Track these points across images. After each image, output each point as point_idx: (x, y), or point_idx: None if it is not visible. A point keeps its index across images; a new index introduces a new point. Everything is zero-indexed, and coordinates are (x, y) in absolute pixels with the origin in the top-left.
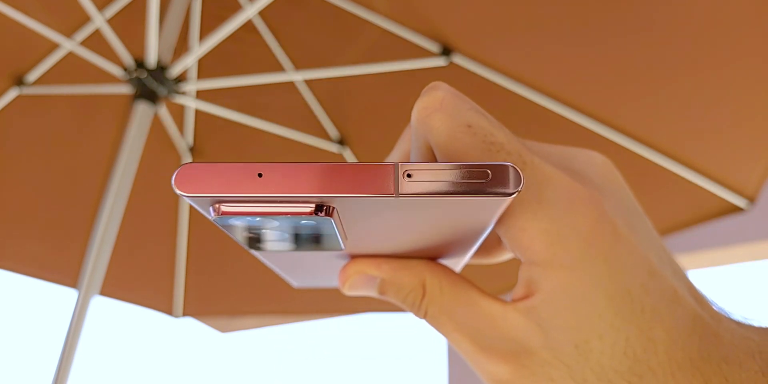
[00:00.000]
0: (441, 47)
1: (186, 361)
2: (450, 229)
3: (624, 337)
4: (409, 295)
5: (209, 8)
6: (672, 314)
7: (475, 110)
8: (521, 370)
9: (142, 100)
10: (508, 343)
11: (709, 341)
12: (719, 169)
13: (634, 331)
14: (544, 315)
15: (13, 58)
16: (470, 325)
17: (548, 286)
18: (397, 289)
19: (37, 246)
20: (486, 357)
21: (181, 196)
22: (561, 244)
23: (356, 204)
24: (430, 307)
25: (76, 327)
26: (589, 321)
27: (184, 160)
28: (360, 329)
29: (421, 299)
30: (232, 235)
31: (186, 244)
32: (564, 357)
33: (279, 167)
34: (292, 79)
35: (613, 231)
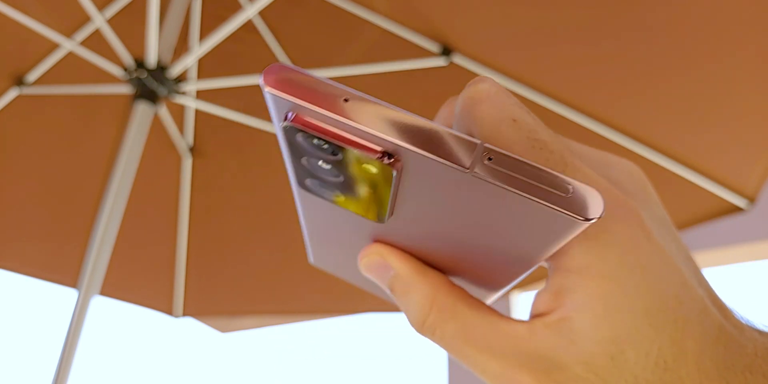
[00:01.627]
0: (441, 47)
1: (186, 361)
2: (500, 241)
3: (657, 347)
4: (415, 304)
5: (209, 8)
6: (701, 324)
7: (520, 106)
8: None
9: (142, 100)
10: (538, 360)
11: (734, 351)
12: (719, 169)
13: (666, 342)
14: (577, 326)
15: (13, 58)
16: (494, 346)
17: (583, 294)
18: (406, 292)
19: (38, 246)
20: (515, 376)
21: (264, 93)
22: (599, 252)
23: (424, 168)
24: (443, 326)
25: (76, 327)
26: (626, 332)
27: (184, 161)
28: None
29: (428, 314)
30: (289, 152)
31: (186, 244)
32: (599, 370)
33: (368, 101)
34: None
35: (650, 241)
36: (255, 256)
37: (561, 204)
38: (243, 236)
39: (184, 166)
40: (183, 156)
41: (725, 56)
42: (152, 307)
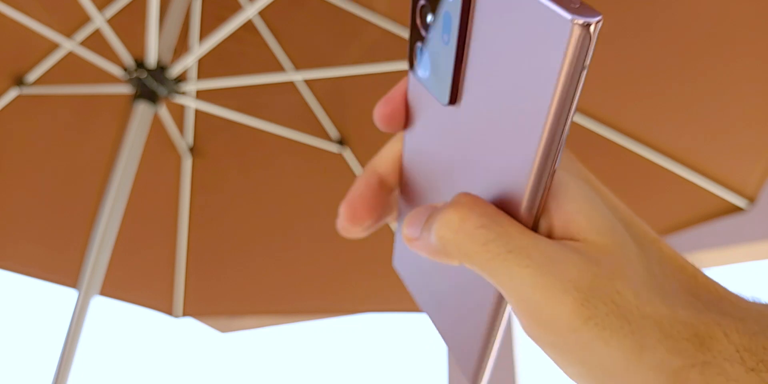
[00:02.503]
0: None
1: (186, 361)
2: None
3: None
4: (481, 229)
5: (209, 8)
6: (678, 281)
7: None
8: (585, 303)
9: (142, 100)
10: (567, 277)
11: (710, 299)
12: (719, 169)
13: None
14: (593, 253)
15: (13, 58)
16: (539, 262)
17: (594, 243)
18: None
19: (38, 246)
20: (552, 294)
21: None
22: (608, 223)
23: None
24: (510, 243)
25: (76, 327)
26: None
27: (184, 161)
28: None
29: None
30: (412, 13)
31: (186, 244)
32: (627, 278)
33: None
34: (292, 79)
35: (633, 220)
36: (255, 257)
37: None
38: (243, 236)
39: (184, 166)
40: (183, 156)
41: (725, 57)
42: (152, 307)
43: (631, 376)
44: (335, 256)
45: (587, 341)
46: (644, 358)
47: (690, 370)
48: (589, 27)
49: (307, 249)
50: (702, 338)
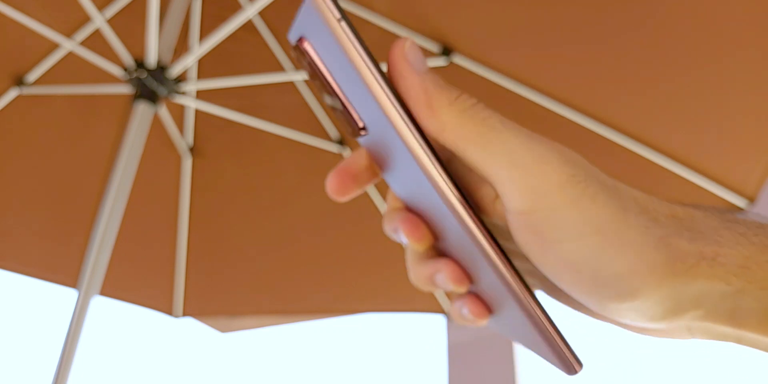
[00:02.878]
0: (441, 47)
1: (186, 361)
2: None
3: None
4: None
5: (209, 8)
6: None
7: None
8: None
9: (142, 100)
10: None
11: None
12: (719, 169)
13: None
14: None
15: (13, 58)
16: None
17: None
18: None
19: (38, 246)
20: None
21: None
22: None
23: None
24: (503, 120)
25: (76, 327)
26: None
27: (184, 161)
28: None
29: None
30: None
31: (186, 244)
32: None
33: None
34: (292, 79)
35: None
36: (255, 256)
37: None
38: (243, 236)
39: (184, 166)
40: (183, 156)
41: (725, 56)
42: (152, 307)
43: (621, 233)
44: (335, 256)
45: (574, 198)
46: (629, 220)
47: (677, 237)
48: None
49: (307, 249)
50: (681, 219)
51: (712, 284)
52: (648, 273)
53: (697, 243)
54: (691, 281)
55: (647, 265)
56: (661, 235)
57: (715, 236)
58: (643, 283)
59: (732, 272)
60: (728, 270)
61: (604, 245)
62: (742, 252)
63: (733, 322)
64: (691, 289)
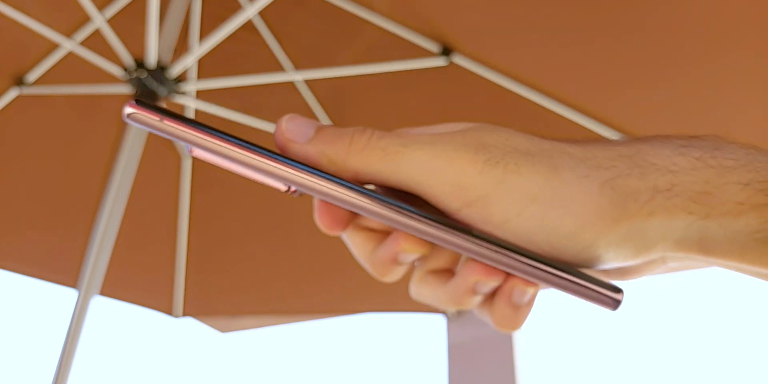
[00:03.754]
0: (441, 47)
1: (186, 361)
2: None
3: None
4: (349, 131)
5: (209, 8)
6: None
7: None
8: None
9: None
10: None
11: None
12: None
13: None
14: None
15: (13, 58)
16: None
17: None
18: (334, 129)
19: (37, 246)
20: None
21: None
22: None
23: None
24: (399, 141)
25: (76, 327)
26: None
27: (184, 161)
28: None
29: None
30: None
31: (186, 244)
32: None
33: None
34: (292, 79)
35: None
36: (255, 256)
37: None
38: (243, 236)
39: (184, 167)
40: (183, 156)
41: (724, 56)
42: (152, 307)
43: (558, 193)
44: (335, 256)
45: (500, 179)
46: (563, 176)
47: (625, 178)
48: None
49: (307, 249)
50: (629, 157)
51: (672, 216)
52: (598, 220)
53: (648, 177)
54: (649, 217)
55: (595, 213)
56: (604, 179)
57: (669, 165)
58: (597, 232)
59: (692, 199)
60: (688, 197)
61: (546, 210)
62: (701, 177)
63: (702, 251)
64: (652, 225)
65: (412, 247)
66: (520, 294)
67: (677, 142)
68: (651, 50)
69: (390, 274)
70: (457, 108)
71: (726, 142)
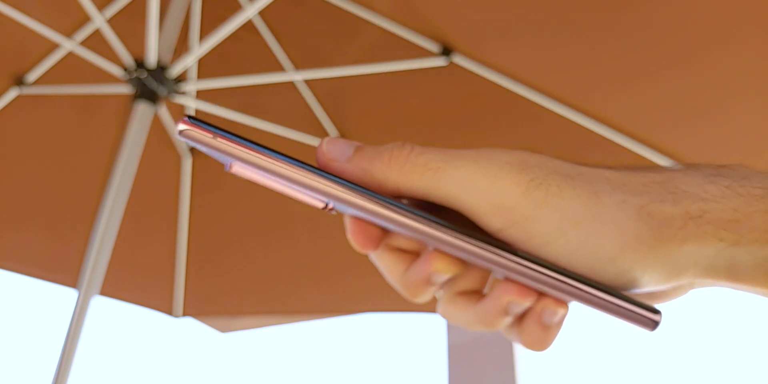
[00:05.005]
0: (441, 47)
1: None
2: None
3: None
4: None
5: (209, 8)
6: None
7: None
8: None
9: (142, 100)
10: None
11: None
12: None
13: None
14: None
15: (13, 58)
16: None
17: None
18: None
19: (37, 246)
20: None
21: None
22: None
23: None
24: (440, 157)
25: (76, 327)
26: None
27: (184, 161)
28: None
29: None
30: None
31: (186, 244)
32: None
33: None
34: (292, 79)
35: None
36: (255, 256)
37: None
38: (243, 236)
39: (184, 166)
40: (183, 156)
41: (725, 57)
42: (152, 307)
43: (598, 217)
44: (335, 256)
45: (541, 201)
46: (603, 201)
47: (659, 203)
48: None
49: (307, 249)
50: (661, 183)
51: (703, 242)
52: (636, 245)
53: (681, 203)
54: (681, 243)
55: (634, 239)
56: (640, 204)
57: (700, 192)
58: (635, 256)
59: (722, 227)
60: (718, 226)
61: (587, 234)
62: (730, 205)
63: (730, 277)
64: (684, 251)
65: (445, 267)
66: (551, 314)
67: (707, 171)
68: (651, 50)
69: (422, 294)
70: (457, 108)
71: (753, 172)
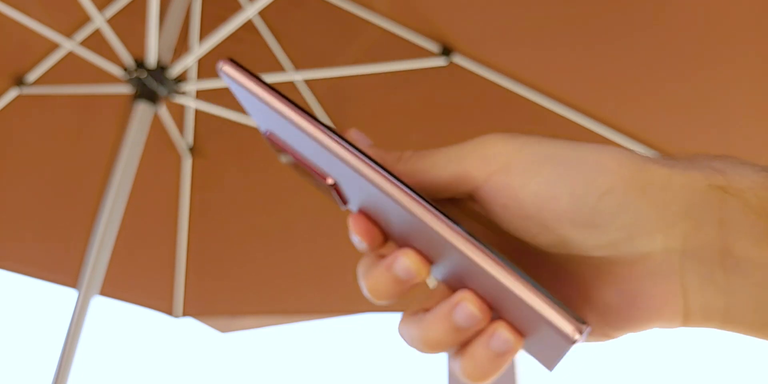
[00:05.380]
0: (441, 47)
1: (186, 361)
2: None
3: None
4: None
5: (209, 8)
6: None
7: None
8: None
9: (142, 100)
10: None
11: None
12: None
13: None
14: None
15: (13, 58)
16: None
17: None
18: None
19: (37, 246)
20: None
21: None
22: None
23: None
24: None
25: (76, 327)
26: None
27: (184, 161)
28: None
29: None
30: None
31: (186, 244)
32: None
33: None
34: (292, 79)
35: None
36: (255, 256)
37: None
38: (243, 236)
39: (184, 166)
40: (183, 156)
41: (726, 58)
42: (152, 307)
43: (581, 156)
44: (335, 256)
45: (520, 147)
46: (585, 145)
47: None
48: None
49: (307, 249)
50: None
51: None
52: (619, 168)
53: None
54: (671, 179)
55: (617, 163)
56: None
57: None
58: (617, 179)
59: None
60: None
61: (565, 169)
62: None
63: (724, 322)
64: (673, 188)
65: (415, 264)
66: (500, 340)
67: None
68: (652, 50)
69: (384, 291)
70: (457, 108)
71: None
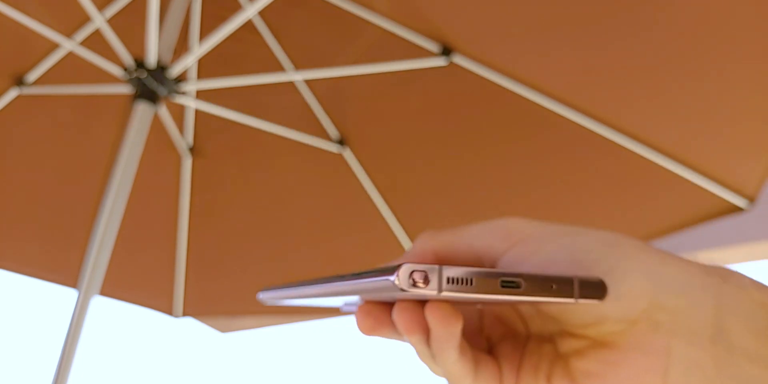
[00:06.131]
0: (441, 47)
1: (186, 361)
2: None
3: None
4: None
5: (209, 8)
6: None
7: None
8: None
9: (142, 100)
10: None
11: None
12: (719, 169)
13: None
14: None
15: (13, 58)
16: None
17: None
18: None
19: (38, 246)
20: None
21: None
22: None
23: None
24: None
25: (76, 327)
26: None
27: (184, 161)
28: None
29: None
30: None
31: (186, 244)
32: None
33: None
34: (292, 79)
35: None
36: (254, 257)
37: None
38: (243, 236)
39: (184, 166)
40: (183, 156)
41: (725, 57)
42: (152, 307)
43: (591, 231)
44: (335, 256)
45: (538, 225)
46: (599, 230)
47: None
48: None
49: (307, 249)
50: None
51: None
52: (618, 239)
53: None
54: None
55: (615, 235)
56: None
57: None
58: (622, 251)
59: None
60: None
61: (574, 237)
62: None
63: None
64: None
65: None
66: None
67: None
68: (654, 52)
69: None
70: (457, 108)
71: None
